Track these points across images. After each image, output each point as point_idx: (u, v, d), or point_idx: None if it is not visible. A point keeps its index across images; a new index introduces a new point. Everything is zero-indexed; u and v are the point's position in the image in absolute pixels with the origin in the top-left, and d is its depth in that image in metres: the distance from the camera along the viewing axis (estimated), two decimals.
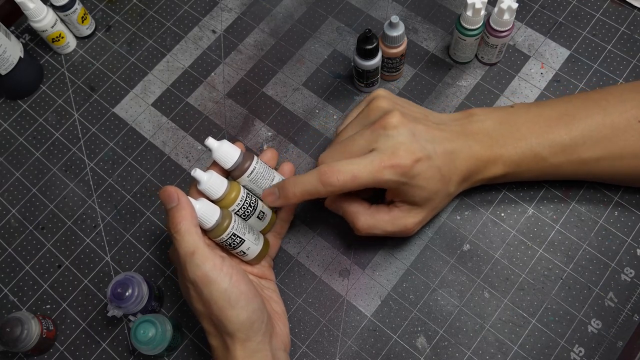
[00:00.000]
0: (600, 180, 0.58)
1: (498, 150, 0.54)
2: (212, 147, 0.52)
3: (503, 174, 0.55)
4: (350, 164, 0.50)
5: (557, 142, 0.54)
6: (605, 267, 0.57)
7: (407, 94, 0.66)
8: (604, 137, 0.53)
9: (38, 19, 0.67)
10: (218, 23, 0.73)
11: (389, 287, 0.58)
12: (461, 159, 0.53)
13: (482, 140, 0.54)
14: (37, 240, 0.64)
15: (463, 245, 0.59)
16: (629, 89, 0.55)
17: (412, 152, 0.50)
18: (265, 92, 0.68)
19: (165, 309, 0.60)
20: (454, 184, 0.54)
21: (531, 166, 0.55)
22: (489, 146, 0.54)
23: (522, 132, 0.54)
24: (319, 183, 0.50)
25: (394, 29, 0.59)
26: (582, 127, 0.54)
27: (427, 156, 0.51)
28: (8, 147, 0.69)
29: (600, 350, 0.55)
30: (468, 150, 0.53)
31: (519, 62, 0.67)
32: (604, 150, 0.53)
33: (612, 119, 0.53)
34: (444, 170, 0.52)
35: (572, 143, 0.54)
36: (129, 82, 0.70)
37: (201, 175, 0.51)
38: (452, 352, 0.55)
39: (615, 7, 0.68)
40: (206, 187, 0.51)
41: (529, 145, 0.54)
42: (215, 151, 0.52)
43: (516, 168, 0.55)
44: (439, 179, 0.52)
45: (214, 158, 0.53)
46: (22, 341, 0.54)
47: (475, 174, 0.55)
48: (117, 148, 0.67)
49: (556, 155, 0.54)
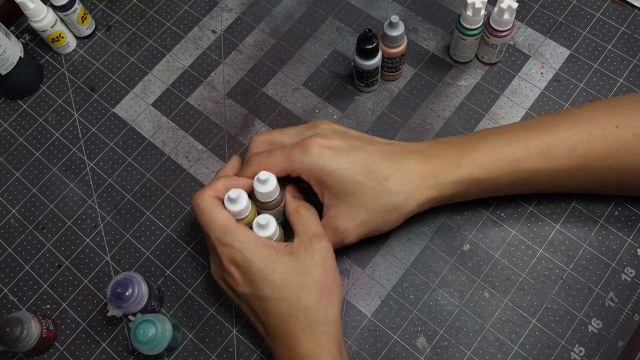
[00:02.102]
0: (582, 191, 0.57)
1: (461, 153, 0.52)
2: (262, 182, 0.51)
3: (473, 178, 0.52)
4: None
5: (530, 147, 0.52)
6: (606, 267, 0.57)
7: (407, 93, 0.66)
8: (582, 142, 0.51)
9: (38, 19, 0.67)
10: (218, 23, 0.73)
11: (389, 287, 0.58)
12: (410, 161, 0.52)
13: (441, 146, 0.53)
14: (37, 240, 0.64)
15: (463, 245, 0.59)
16: (602, 102, 0.55)
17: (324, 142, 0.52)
18: (265, 92, 0.68)
19: (165, 309, 0.60)
20: (397, 184, 0.51)
21: (504, 171, 0.52)
22: (450, 149, 0.53)
23: (489, 139, 0.53)
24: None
25: (394, 28, 0.59)
26: (557, 134, 0.52)
27: (344, 148, 0.51)
28: (8, 147, 0.69)
29: (601, 350, 0.55)
30: (419, 154, 0.52)
31: (519, 62, 0.67)
32: (582, 157, 0.51)
33: (589, 125, 0.52)
34: (374, 166, 0.51)
35: (546, 148, 0.52)
36: (129, 82, 0.70)
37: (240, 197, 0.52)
38: (452, 352, 0.55)
39: (615, 7, 0.68)
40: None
41: (498, 150, 0.52)
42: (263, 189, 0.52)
43: (486, 171, 0.52)
44: (366, 172, 0.51)
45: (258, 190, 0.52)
46: (22, 341, 0.54)
47: (436, 177, 0.52)
48: (117, 148, 0.67)
49: (530, 160, 0.52)
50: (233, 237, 0.50)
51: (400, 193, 0.52)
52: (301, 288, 0.49)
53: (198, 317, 0.59)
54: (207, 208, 0.51)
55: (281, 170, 0.52)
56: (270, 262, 0.49)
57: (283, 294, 0.49)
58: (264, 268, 0.49)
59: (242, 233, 0.50)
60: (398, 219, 0.54)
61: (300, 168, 0.52)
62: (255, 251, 0.50)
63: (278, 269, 0.49)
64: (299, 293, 0.49)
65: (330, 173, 0.51)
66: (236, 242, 0.50)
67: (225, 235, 0.50)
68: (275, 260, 0.50)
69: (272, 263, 0.49)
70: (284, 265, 0.50)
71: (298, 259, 0.50)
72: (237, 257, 0.50)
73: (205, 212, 0.51)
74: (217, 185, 0.52)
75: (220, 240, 0.50)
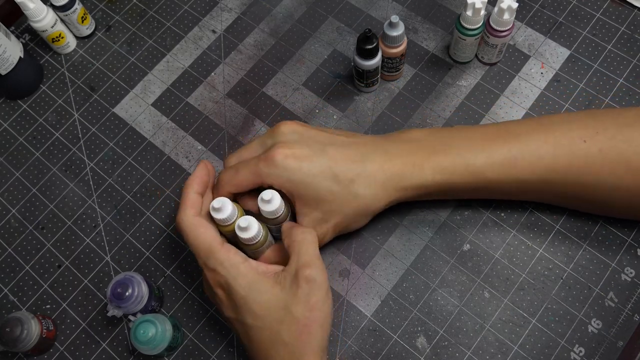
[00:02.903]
0: (546, 202, 0.57)
1: (425, 155, 0.52)
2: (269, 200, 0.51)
3: (435, 183, 0.52)
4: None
5: (495, 156, 0.51)
6: (606, 267, 0.57)
7: (407, 93, 0.66)
8: (547, 154, 0.51)
9: (38, 19, 0.67)
10: (218, 23, 0.73)
11: (389, 287, 0.58)
12: (374, 161, 0.52)
13: (407, 145, 0.53)
14: (37, 240, 0.64)
15: (463, 245, 0.59)
16: (575, 113, 0.54)
17: (287, 152, 0.51)
18: (265, 92, 0.68)
19: (165, 309, 0.60)
20: (363, 186, 0.52)
21: (466, 178, 0.52)
22: (415, 150, 0.53)
23: (455, 144, 0.53)
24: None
25: (394, 28, 0.59)
26: (522, 143, 0.51)
27: (307, 154, 0.51)
28: (8, 147, 0.69)
29: (601, 350, 0.55)
30: (385, 153, 0.52)
31: (519, 62, 0.67)
32: (546, 169, 0.51)
33: (555, 137, 0.51)
34: (338, 170, 0.51)
35: (510, 157, 0.51)
36: (129, 82, 0.70)
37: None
38: (452, 352, 0.55)
39: (615, 7, 0.68)
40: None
41: (462, 156, 0.52)
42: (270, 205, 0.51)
43: (449, 176, 0.52)
44: (331, 177, 0.51)
45: (263, 209, 0.51)
46: (22, 341, 0.54)
47: (400, 179, 0.52)
48: (117, 148, 0.67)
49: (493, 169, 0.51)
50: (216, 262, 0.49)
51: (366, 196, 0.52)
52: (282, 322, 0.48)
53: (198, 317, 0.59)
54: (190, 230, 0.50)
55: (252, 184, 0.53)
56: (253, 291, 0.48)
57: (264, 324, 0.48)
58: (245, 296, 0.48)
59: (226, 257, 0.50)
60: (367, 219, 0.56)
61: (270, 180, 0.52)
62: (238, 278, 0.49)
63: (260, 298, 0.48)
64: (280, 327, 0.48)
65: (298, 182, 0.51)
66: (220, 267, 0.49)
67: (209, 259, 0.50)
68: (258, 288, 0.49)
69: (255, 292, 0.48)
70: (267, 295, 0.48)
71: (282, 291, 0.49)
72: (222, 282, 0.49)
73: (190, 235, 0.50)
74: (191, 198, 0.52)
75: (205, 264, 0.50)
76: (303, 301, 0.48)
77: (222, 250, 0.50)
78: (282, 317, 0.48)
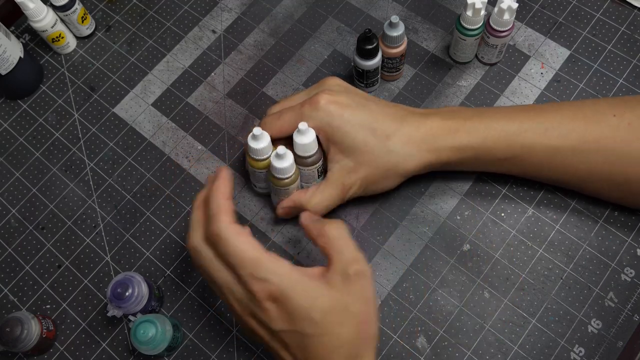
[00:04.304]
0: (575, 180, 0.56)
1: (461, 120, 0.54)
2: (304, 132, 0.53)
3: (469, 145, 0.53)
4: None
5: (527, 125, 0.53)
6: (606, 267, 0.57)
7: (407, 94, 0.66)
8: (578, 126, 0.53)
9: (38, 19, 0.67)
10: (218, 23, 0.73)
11: (389, 287, 0.58)
12: (411, 123, 0.54)
13: (443, 113, 0.55)
14: (37, 240, 0.64)
15: (463, 245, 0.59)
16: (600, 98, 0.57)
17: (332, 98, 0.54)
18: (265, 92, 0.68)
19: (165, 309, 0.60)
20: (398, 144, 0.53)
21: (500, 143, 0.53)
22: (450, 117, 0.55)
23: (488, 114, 0.55)
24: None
25: (394, 29, 0.59)
26: (553, 116, 0.54)
27: (350, 104, 0.54)
28: (8, 147, 0.69)
29: (600, 350, 0.55)
30: (422, 117, 0.55)
31: (519, 62, 0.67)
32: (577, 138, 0.53)
33: (585, 112, 0.54)
34: (377, 125, 0.53)
35: (542, 127, 0.53)
36: (129, 82, 0.70)
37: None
38: (452, 352, 0.55)
39: (615, 7, 0.68)
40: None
41: (496, 121, 0.54)
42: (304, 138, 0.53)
43: (483, 140, 0.53)
44: (369, 129, 0.53)
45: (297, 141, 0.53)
46: (22, 341, 0.54)
47: (435, 140, 0.54)
48: (117, 148, 0.67)
49: (526, 134, 0.53)
50: (268, 271, 0.45)
51: (400, 153, 0.54)
52: (342, 324, 0.46)
53: (198, 317, 0.59)
54: (232, 239, 0.46)
55: (294, 128, 0.54)
56: (310, 298, 0.46)
57: (324, 330, 0.46)
58: (304, 304, 0.45)
59: (276, 265, 0.46)
60: (396, 179, 0.56)
61: (311, 123, 0.54)
62: (294, 286, 0.46)
63: (318, 304, 0.46)
64: (341, 329, 0.46)
65: (337, 129, 0.53)
66: (273, 275, 0.45)
67: (258, 269, 0.45)
68: (314, 294, 0.46)
69: (311, 299, 0.46)
70: (323, 299, 0.46)
71: (337, 292, 0.46)
72: (275, 293, 0.45)
73: (230, 245, 0.46)
74: (224, 205, 0.48)
75: (253, 274, 0.45)
76: (359, 298, 0.47)
77: (270, 259, 0.46)
78: (341, 319, 0.46)
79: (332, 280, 0.47)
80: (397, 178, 0.56)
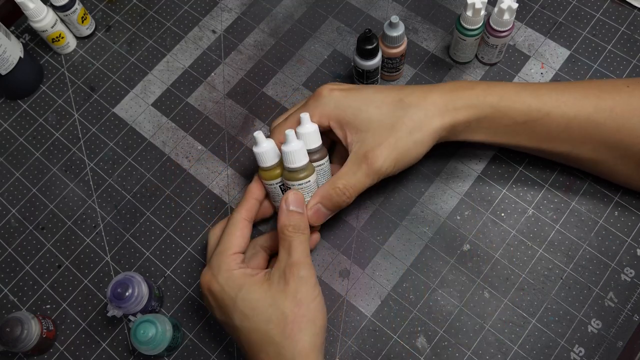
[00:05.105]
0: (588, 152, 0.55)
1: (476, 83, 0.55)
2: (305, 123, 0.52)
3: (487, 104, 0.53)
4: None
5: (543, 91, 0.54)
6: (605, 267, 0.57)
7: None
8: (592, 95, 0.53)
9: (38, 19, 0.67)
10: (218, 23, 0.73)
11: (389, 287, 0.58)
12: (422, 87, 0.54)
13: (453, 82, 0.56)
14: (37, 240, 0.64)
15: (463, 245, 0.59)
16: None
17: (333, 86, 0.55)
18: (265, 92, 0.68)
19: (165, 309, 0.60)
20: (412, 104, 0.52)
21: (516, 104, 0.53)
22: (466, 83, 0.55)
23: (509, 84, 0.55)
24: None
25: (394, 29, 0.59)
26: (566, 86, 0.55)
27: (353, 88, 0.55)
28: (8, 147, 0.69)
29: (600, 350, 0.55)
30: (436, 84, 0.55)
31: (519, 62, 0.67)
32: (592, 107, 0.53)
33: (599, 85, 0.55)
34: (383, 95, 0.53)
35: (557, 97, 0.53)
36: (129, 82, 0.70)
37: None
38: (452, 352, 0.55)
39: (615, 7, 0.68)
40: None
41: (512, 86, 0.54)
42: (305, 129, 0.52)
43: (499, 100, 0.53)
44: (378, 100, 0.53)
45: (301, 132, 0.52)
46: (22, 341, 0.54)
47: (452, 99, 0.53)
48: (117, 148, 0.67)
49: (541, 100, 0.53)
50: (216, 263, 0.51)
51: (417, 112, 0.52)
52: (269, 321, 0.47)
53: (198, 317, 0.59)
54: (232, 226, 0.53)
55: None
56: (242, 291, 0.48)
57: (252, 324, 0.48)
58: (234, 297, 0.48)
59: (229, 260, 0.51)
60: (423, 143, 0.52)
61: (319, 116, 0.54)
62: (229, 279, 0.49)
63: (249, 297, 0.48)
64: (268, 326, 0.47)
65: (348, 107, 0.53)
66: (216, 269, 0.50)
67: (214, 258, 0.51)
68: (248, 289, 0.48)
69: (244, 292, 0.48)
70: (255, 294, 0.48)
71: (270, 288, 0.48)
72: (213, 284, 0.50)
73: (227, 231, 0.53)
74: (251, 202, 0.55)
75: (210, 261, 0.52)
76: (291, 297, 0.47)
77: (231, 255, 0.51)
78: (270, 316, 0.47)
79: (270, 277, 0.49)
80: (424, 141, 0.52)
